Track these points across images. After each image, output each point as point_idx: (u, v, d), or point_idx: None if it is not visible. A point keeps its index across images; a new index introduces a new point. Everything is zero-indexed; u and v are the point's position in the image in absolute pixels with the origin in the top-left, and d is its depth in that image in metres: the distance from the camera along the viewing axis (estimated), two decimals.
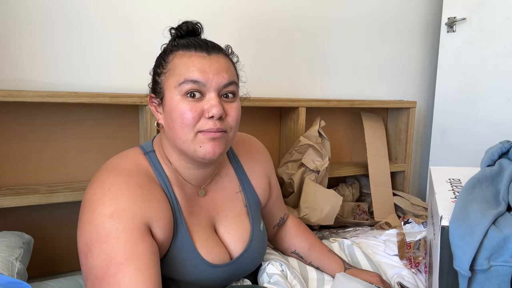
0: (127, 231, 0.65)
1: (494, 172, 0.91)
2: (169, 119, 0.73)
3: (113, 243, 0.63)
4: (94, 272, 0.63)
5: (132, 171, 0.73)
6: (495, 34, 1.73)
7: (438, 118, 1.94)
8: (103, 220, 0.65)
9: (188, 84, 0.71)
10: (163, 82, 0.75)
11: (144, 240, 0.65)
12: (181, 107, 0.71)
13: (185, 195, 0.78)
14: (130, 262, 0.62)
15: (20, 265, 0.87)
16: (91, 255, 0.64)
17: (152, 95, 0.78)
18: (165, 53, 0.77)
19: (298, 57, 1.66)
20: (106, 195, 0.67)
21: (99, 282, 0.62)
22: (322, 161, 1.37)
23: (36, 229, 1.20)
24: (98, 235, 0.64)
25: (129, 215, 0.66)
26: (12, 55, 1.16)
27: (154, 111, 0.78)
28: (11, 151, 1.16)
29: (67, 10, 1.22)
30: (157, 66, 0.77)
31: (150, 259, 0.64)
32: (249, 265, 0.86)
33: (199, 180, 0.81)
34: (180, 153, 0.76)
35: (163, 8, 1.36)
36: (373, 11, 1.82)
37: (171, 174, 0.78)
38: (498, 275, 0.67)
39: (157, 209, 0.70)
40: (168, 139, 0.77)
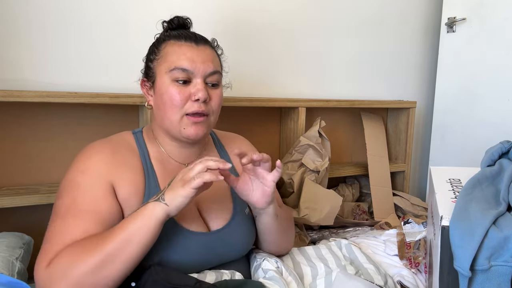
0: (93, 187, 0.76)
1: (494, 172, 0.91)
2: (160, 101, 0.83)
3: (81, 193, 0.75)
4: (58, 210, 0.74)
5: (113, 141, 0.85)
6: (495, 34, 1.73)
7: (438, 118, 1.94)
8: (76, 174, 0.78)
9: (178, 72, 0.81)
10: (155, 67, 0.84)
11: (106, 199, 0.75)
12: (171, 91, 0.81)
13: (165, 170, 0.86)
14: (89, 213, 0.73)
15: (20, 265, 0.87)
16: (60, 198, 0.76)
17: (144, 79, 0.88)
18: (158, 42, 0.87)
19: (298, 57, 1.66)
20: (83, 155, 0.81)
21: (58, 218, 0.73)
22: (322, 161, 1.37)
23: (36, 229, 1.20)
24: (70, 184, 0.77)
25: (96, 173, 0.77)
26: (12, 55, 1.16)
27: (146, 94, 0.88)
28: (11, 151, 1.16)
29: (67, 11, 1.22)
30: (150, 53, 0.87)
31: (107, 216, 0.74)
32: (230, 244, 0.86)
33: (182, 157, 0.89)
34: (166, 132, 0.85)
35: (163, 8, 1.36)
36: (373, 11, 1.82)
37: (153, 150, 0.87)
38: (498, 275, 0.67)
39: (122, 171, 0.80)
40: (156, 119, 0.86)
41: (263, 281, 0.84)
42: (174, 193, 0.70)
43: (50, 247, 0.71)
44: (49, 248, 0.71)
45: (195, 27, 1.31)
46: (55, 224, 0.73)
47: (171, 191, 0.71)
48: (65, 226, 0.72)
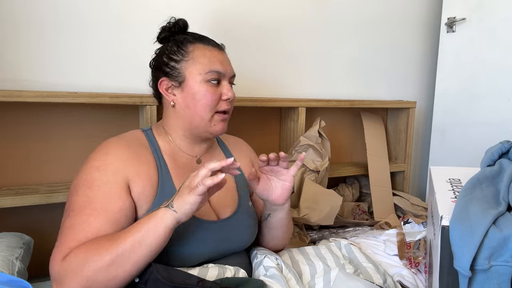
0: (108, 183, 0.78)
1: (494, 172, 0.91)
2: (191, 100, 0.87)
3: (95, 190, 0.77)
4: (73, 207, 0.76)
5: (126, 138, 0.88)
6: (494, 34, 1.73)
7: (438, 118, 1.94)
8: (91, 170, 0.80)
9: (212, 74, 0.88)
10: (183, 68, 0.88)
11: (119, 196, 0.78)
12: (205, 91, 0.87)
13: (177, 163, 0.90)
14: (102, 212, 0.75)
15: (20, 265, 0.88)
16: (76, 194, 0.78)
17: (164, 78, 0.89)
18: (182, 43, 0.90)
19: (299, 57, 1.66)
20: (99, 151, 0.83)
21: (74, 214, 0.75)
22: (322, 161, 1.37)
23: (36, 229, 1.20)
24: (85, 181, 0.78)
25: (113, 169, 0.79)
26: (12, 55, 1.16)
27: (166, 93, 0.90)
28: (11, 151, 1.16)
29: (67, 11, 1.22)
30: (173, 54, 0.89)
31: (120, 215, 0.76)
32: (237, 233, 0.91)
33: (194, 151, 0.94)
34: (188, 129, 0.90)
35: (163, 8, 1.36)
36: (373, 11, 1.82)
37: (164, 146, 0.91)
38: (498, 275, 0.68)
39: (138, 166, 0.82)
40: (180, 116, 0.89)
41: (264, 279, 0.85)
42: (182, 200, 0.72)
43: (65, 242, 0.73)
44: (64, 244, 0.73)
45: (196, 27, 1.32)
46: (71, 221, 0.75)
47: (179, 198, 0.72)
48: (79, 223, 0.74)
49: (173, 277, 0.70)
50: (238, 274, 0.85)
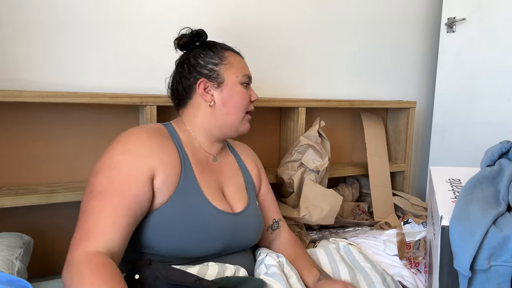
0: (130, 168, 0.80)
1: (494, 172, 0.91)
2: (229, 99, 0.95)
3: (117, 173, 0.79)
4: (95, 187, 0.78)
5: (150, 127, 0.92)
6: (494, 34, 1.73)
7: (438, 118, 1.94)
8: (117, 153, 0.82)
9: (246, 78, 0.98)
10: (222, 71, 0.95)
11: (139, 182, 0.80)
12: (241, 92, 0.97)
13: (196, 157, 0.94)
14: (120, 195, 0.77)
15: (20, 264, 0.88)
16: (98, 175, 0.80)
17: (204, 79, 0.95)
18: (217, 49, 0.98)
19: (298, 57, 1.66)
20: (124, 137, 0.86)
21: (92, 196, 0.77)
22: (322, 161, 1.37)
23: (36, 229, 1.20)
24: (109, 164, 0.81)
25: (138, 156, 0.82)
26: (12, 55, 1.16)
27: (203, 92, 0.95)
28: (11, 151, 1.16)
29: (67, 11, 1.22)
30: (211, 58, 0.96)
31: (135, 200, 0.78)
32: (248, 227, 0.95)
33: (213, 150, 0.99)
34: (219, 127, 0.96)
35: (163, 8, 1.36)
36: (373, 11, 1.82)
37: (185, 139, 0.95)
38: (498, 275, 0.68)
39: (163, 155, 0.85)
40: (214, 115, 0.95)
41: (264, 277, 0.85)
42: None
43: (87, 228, 0.74)
44: (82, 231, 0.74)
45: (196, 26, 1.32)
46: (90, 203, 0.77)
47: None
48: (97, 205, 0.76)
49: (171, 276, 0.71)
50: (238, 273, 0.85)
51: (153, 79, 1.37)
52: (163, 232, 0.82)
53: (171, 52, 1.44)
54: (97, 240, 0.72)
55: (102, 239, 0.72)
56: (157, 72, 1.37)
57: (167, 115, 1.35)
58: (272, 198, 1.13)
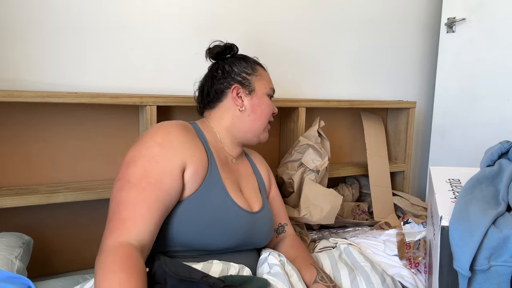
0: (166, 161, 0.82)
1: (494, 172, 0.91)
2: (257, 107, 1.03)
3: (153, 165, 0.81)
4: (130, 178, 0.80)
5: (180, 122, 0.95)
6: (494, 34, 1.73)
7: (438, 118, 1.94)
8: (153, 145, 0.84)
9: (271, 91, 1.07)
10: (254, 81, 1.03)
11: (173, 175, 0.82)
12: (268, 102, 1.05)
13: (219, 157, 0.98)
14: (155, 187, 0.79)
15: (20, 264, 0.88)
16: (134, 165, 0.81)
17: (238, 85, 1.02)
18: (249, 61, 1.07)
19: (298, 57, 1.66)
20: (161, 128, 0.88)
21: (130, 186, 0.78)
22: (321, 161, 1.37)
23: (36, 229, 1.20)
24: (146, 154, 0.82)
25: (172, 148, 0.85)
26: (12, 55, 1.16)
27: (236, 97, 1.01)
28: (11, 151, 1.16)
29: (67, 11, 1.22)
30: (245, 68, 1.04)
31: (167, 193, 0.81)
32: (262, 227, 0.99)
33: (233, 152, 1.04)
34: (243, 131, 1.02)
35: (163, 8, 1.36)
36: (373, 11, 1.82)
37: (210, 139, 0.99)
38: (498, 275, 0.68)
39: (193, 149, 0.89)
40: (242, 119, 1.01)
41: (267, 277, 0.86)
42: None
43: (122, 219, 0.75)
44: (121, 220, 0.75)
45: (193, 26, 1.32)
46: (127, 193, 0.78)
47: None
48: (134, 197, 0.77)
49: (179, 271, 0.73)
50: (242, 272, 0.85)
51: (153, 79, 1.37)
52: (185, 224, 0.84)
53: (171, 52, 1.44)
54: (130, 232, 0.73)
55: (135, 230, 0.74)
56: (157, 72, 1.38)
57: (167, 115, 1.36)
58: (281, 203, 1.16)
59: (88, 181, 1.26)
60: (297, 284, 0.88)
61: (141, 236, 0.74)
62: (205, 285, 0.71)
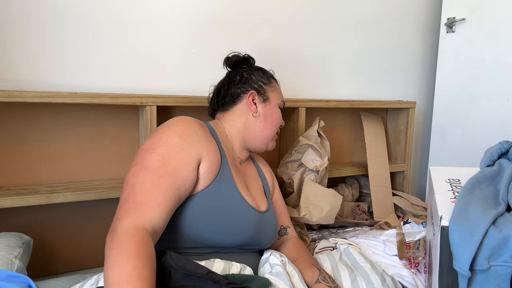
0: (184, 152, 0.84)
1: (494, 172, 0.91)
2: (269, 115, 1.07)
3: (172, 154, 0.82)
4: (148, 164, 0.80)
5: (197, 120, 0.96)
6: (494, 34, 1.73)
7: (438, 118, 1.94)
8: (173, 135, 0.85)
9: (282, 104, 1.13)
10: (268, 91, 1.09)
11: (189, 166, 0.83)
12: (279, 112, 1.11)
13: (229, 157, 1.00)
14: (173, 176, 0.80)
15: (19, 263, 0.88)
16: (152, 152, 0.82)
17: (254, 92, 1.06)
18: (266, 73, 1.13)
19: (298, 57, 1.66)
20: (181, 121, 0.90)
21: (147, 171, 0.79)
22: (321, 161, 1.37)
23: (36, 229, 1.20)
24: (165, 142, 0.83)
25: (191, 141, 0.86)
26: (12, 55, 1.16)
27: (251, 102, 1.05)
28: (11, 151, 1.16)
29: (67, 11, 1.22)
30: (262, 78, 1.10)
31: (183, 183, 0.82)
32: (268, 227, 1.00)
33: (242, 155, 1.07)
34: (252, 137, 1.05)
35: (163, 8, 1.36)
36: (373, 11, 1.82)
37: (222, 139, 1.01)
38: (497, 275, 0.68)
39: (209, 145, 0.90)
40: (253, 125, 1.05)
41: (269, 276, 0.86)
42: None
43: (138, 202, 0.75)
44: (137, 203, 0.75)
45: (192, 25, 1.32)
46: (144, 177, 0.78)
47: None
48: (151, 181, 0.78)
49: (185, 265, 0.73)
50: (244, 271, 0.85)
51: (153, 79, 1.37)
52: (197, 218, 0.85)
53: (171, 52, 1.44)
54: (145, 216, 0.73)
55: (150, 215, 0.74)
56: (157, 72, 1.38)
57: (167, 115, 1.36)
58: (283, 205, 1.18)
59: (88, 181, 1.26)
60: (298, 284, 0.88)
61: (155, 222, 0.74)
62: (210, 280, 0.72)
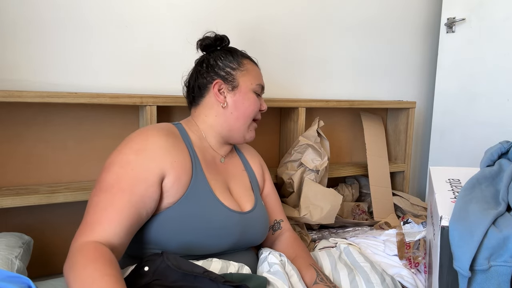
0: (141, 168, 0.81)
1: (494, 172, 0.91)
2: (240, 104, 0.98)
3: (127, 172, 0.80)
4: (102, 185, 0.79)
5: (162, 127, 0.92)
6: (494, 34, 1.73)
7: (438, 118, 1.94)
8: (129, 152, 0.83)
9: (259, 87, 1.02)
10: (238, 76, 0.99)
11: (147, 181, 0.80)
12: (253, 99, 1.00)
13: (205, 158, 0.96)
14: (128, 193, 0.78)
15: (20, 263, 0.88)
16: (107, 171, 0.81)
17: (219, 81, 0.98)
18: (237, 55, 1.02)
19: (298, 57, 1.66)
20: (139, 135, 0.87)
21: (101, 192, 0.78)
22: (321, 161, 1.37)
23: (37, 229, 1.20)
24: (120, 161, 0.81)
25: (150, 155, 0.83)
26: (12, 55, 1.16)
27: (217, 93, 0.98)
28: (11, 151, 1.16)
29: (67, 11, 1.22)
30: (230, 62, 1.00)
31: (141, 199, 0.79)
32: (256, 226, 0.97)
33: (221, 151, 1.02)
34: (227, 129, 0.99)
35: (162, 8, 1.36)
36: (373, 11, 1.82)
37: (195, 140, 0.96)
38: (498, 275, 0.68)
39: (175, 154, 0.86)
40: (225, 117, 0.98)
41: (267, 275, 0.86)
42: None
43: (89, 222, 0.75)
44: (88, 224, 0.75)
45: (194, 26, 1.32)
46: (98, 198, 0.78)
47: None
48: (104, 201, 0.77)
49: (182, 265, 0.74)
50: (242, 270, 0.85)
51: (153, 79, 1.37)
52: (174, 230, 0.84)
53: (171, 52, 1.44)
54: (96, 233, 0.73)
55: (102, 232, 0.73)
56: (157, 72, 1.38)
57: (167, 115, 1.36)
58: (276, 199, 1.14)
59: (88, 181, 1.26)
60: (297, 284, 0.88)
61: (110, 238, 0.73)
62: (207, 279, 0.72)
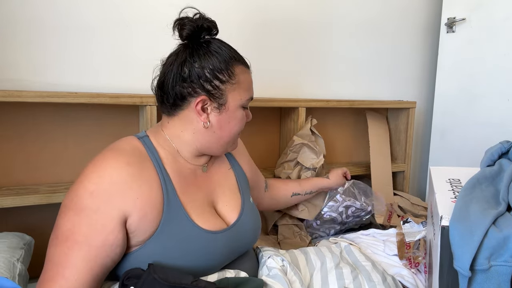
0: (98, 213, 0.71)
1: (494, 172, 0.91)
2: (225, 124, 0.84)
3: (82, 219, 0.71)
4: (58, 233, 0.71)
5: (125, 151, 0.78)
6: (494, 34, 1.73)
7: (438, 118, 1.94)
8: (84, 195, 0.72)
9: (249, 102, 0.88)
10: (227, 90, 0.82)
11: (106, 228, 0.71)
12: (241, 116, 0.86)
13: (180, 174, 0.84)
14: (83, 246, 0.70)
15: (21, 266, 0.87)
16: (63, 217, 0.72)
17: (205, 97, 0.81)
18: (229, 62, 0.83)
19: (298, 57, 1.66)
20: (94, 171, 0.74)
21: (57, 243, 0.71)
22: (317, 159, 1.37)
23: (37, 229, 1.20)
24: (75, 205, 0.72)
25: (107, 197, 0.72)
26: (12, 55, 1.16)
27: (200, 112, 0.82)
28: (11, 151, 1.16)
29: (67, 11, 1.22)
30: (219, 72, 0.81)
31: (100, 250, 0.71)
32: (245, 233, 0.91)
33: (201, 162, 0.90)
34: (206, 147, 0.86)
35: (163, 8, 1.36)
36: (373, 11, 1.82)
37: (166, 156, 0.83)
38: (498, 275, 0.68)
39: (138, 188, 0.75)
40: (206, 136, 0.84)
41: (266, 279, 0.85)
42: None
43: (47, 279, 0.71)
44: (46, 280, 0.71)
45: None
46: (54, 250, 0.71)
47: None
48: (58, 255, 0.70)
49: (169, 277, 0.70)
50: (238, 275, 0.85)
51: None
52: (162, 260, 0.77)
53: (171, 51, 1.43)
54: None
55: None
56: (158, 72, 1.37)
57: None
58: (255, 166, 1.13)
59: None
60: None
61: None
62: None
